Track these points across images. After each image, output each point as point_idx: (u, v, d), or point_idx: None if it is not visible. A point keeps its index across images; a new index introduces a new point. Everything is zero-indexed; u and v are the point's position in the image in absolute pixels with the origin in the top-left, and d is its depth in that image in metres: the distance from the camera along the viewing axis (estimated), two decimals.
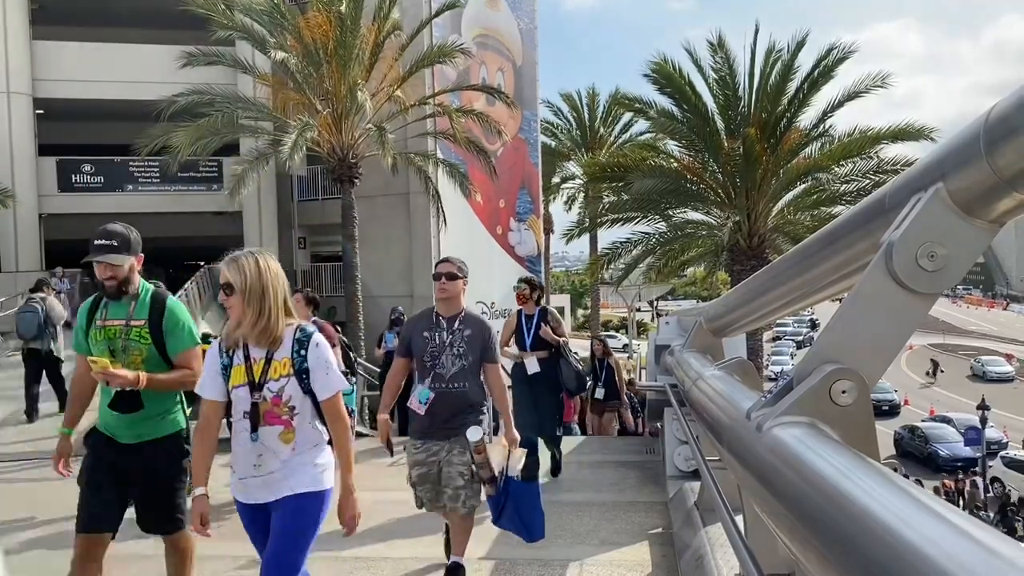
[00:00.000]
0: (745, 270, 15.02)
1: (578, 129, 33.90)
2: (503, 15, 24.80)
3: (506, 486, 4.01)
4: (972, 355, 53.69)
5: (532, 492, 4.10)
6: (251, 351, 2.92)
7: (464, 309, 4.19)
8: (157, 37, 20.91)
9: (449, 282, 4.12)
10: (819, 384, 1.82)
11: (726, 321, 4.54)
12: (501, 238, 24.46)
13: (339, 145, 17.53)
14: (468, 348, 4.08)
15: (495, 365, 4.20)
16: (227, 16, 16.76)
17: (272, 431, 2.88)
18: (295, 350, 2.88)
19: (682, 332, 6.56)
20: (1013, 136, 1.55)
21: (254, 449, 2.89)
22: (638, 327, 32.19)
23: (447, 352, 4.07)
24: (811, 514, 1.44)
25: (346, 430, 3.00)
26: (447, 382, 4.06)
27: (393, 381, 4.37)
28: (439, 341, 4.10)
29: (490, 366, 4.17)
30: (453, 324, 4.12)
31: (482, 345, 4.12)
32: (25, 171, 20.50)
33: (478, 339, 4.11)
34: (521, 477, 4.13)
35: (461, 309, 4.18)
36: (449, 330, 4.11)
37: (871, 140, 16.08)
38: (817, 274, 2.70)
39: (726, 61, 16.85)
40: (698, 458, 3.46)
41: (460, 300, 4.17)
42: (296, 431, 2.90)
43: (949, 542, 1.05)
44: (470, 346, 4.09)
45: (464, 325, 4.12)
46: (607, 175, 18.59)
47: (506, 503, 4.01)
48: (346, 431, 3.01)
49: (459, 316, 4.14)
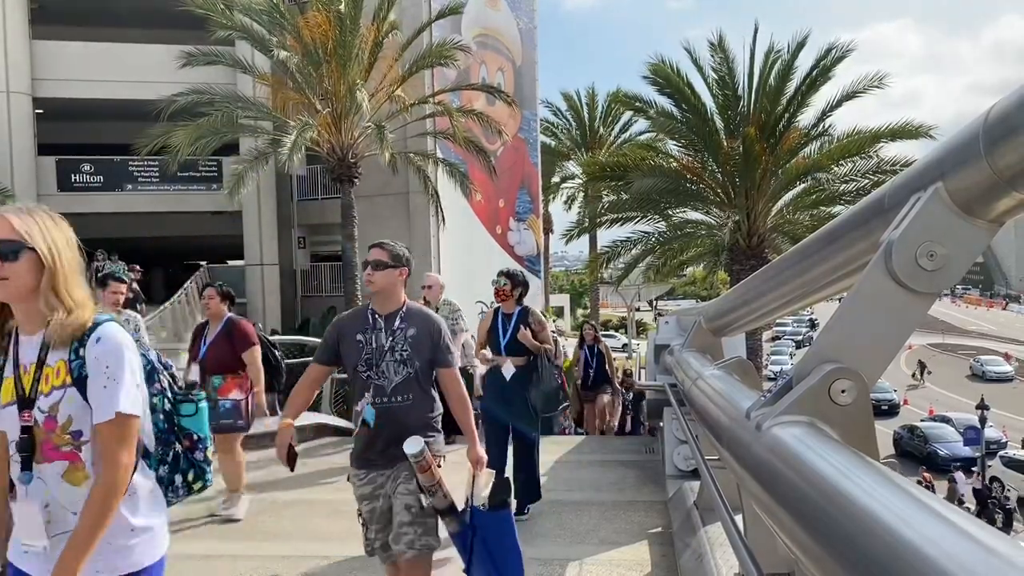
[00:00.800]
0: (744, 270, 15.03)
1: (578, 129, 33.94)
2: (503, 15, 24.82)
3: (472, 518, 3.23)
4: (971, 355, 53.71)
5: (504, 523, 3.28)
6: (21, 348, 1.98)
7: (405, 303, 3.44)
8: (157, 37, 20.92)
9: (377, 272, 3.36)
10: (818, 383, 1.82)
11: (725, 321, 4.54)
12: (500, 238, 24.47)
13: (338, 145, 17.53)
14: (413, 351, 3.33)
15: (450, 370, 3.43)
16: (226, 16, 16.75)
17: (52, 469, 1.92)
18: (72, 348, 1.92)
19: (681, 332, 6.55)
20: (1013, 136, 1.55)
21: (32, 498, 1.92)
22: (637, 327, 32.19)
23: (387, 358, 3.31)
24: (811, 513, 1.44)
25: (109, 494, 1.87)
26: (390, 395, 3.30)
27: (302, 392, 3.50)
28: (376, 345, 3.33)
29: (444, 371, 3.42)
30: (393, 323, 3.37)
31: (432, 346, 3.36)
32: (24, 171, 20.49)
33: (425, 339, 3.35)
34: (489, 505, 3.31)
35: (401, 303, 3.42)
36: (388, 330, 3.35)
37: (870, 139, 16.09)
38: (816, 274, 2.70)
39: (725, 61, 16.87)
40: (697, 458, 3.46)
41: (397, 293, 3.42)
42: (88, 469, 1.92)
43: (949, 541, 1.05)
44: (416, 349, 3.33)
45: (406, 323, 3.37)
46: (607, 175, 18.60)
47: (474, 540, 3.22)
48: (108, 496, 1.87)
49: (399, 312, 3.39)
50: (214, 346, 5.58)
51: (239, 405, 5.45)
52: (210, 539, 5.25)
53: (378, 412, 3.31)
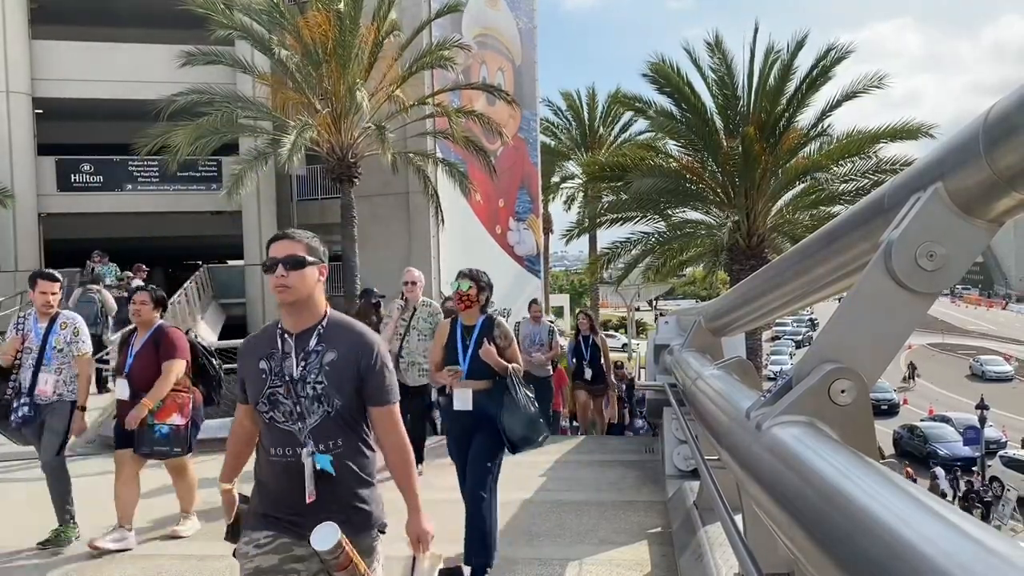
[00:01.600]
0: (744, 270, 15.03)
1: (578, 128, 33.90)
2: (502, 14, 24.83)
3: None
4: (971, 354, 53.71)
5: None
6: None
7: (326, 316, 2.54)
8: (156, 36, 20.91)
9: (294, 272, 2.43)
10: (818, 383, 1.82)
11: (725, 321, 4.54)
12: (500, 238, 24.46)
13: (338, 145, 17.53)
14: (331, 384, 2.44)
15: (386, 409, 2.52)
16: (226, 15, 16.75)
17: None
18: None
19: (681, 332, 6.55)
20: (1012, 136, 1.56)
21: None
22: (637, 327, 32.21)
23: (295, 393, 2.44)
24: (810, 513, 1.44)
25: None
26: (301, 445, 2.43)
27: (235, 443, 2.72)
28: (285, 375, 2.46)
29: (377, 411, 2.51)
30: (306, 343, 2.48)
31: (358, 375, 2.47)
32: (24, 171, 20.49)
33: (349, 366, 2.46)
34: None
35: (321, 317, 2.52)
36: (300, 354, 2.47)
37: (870, 139, 16.09)
38: (816, 274, 2.70)
39: (724, 61, 16.87)
40: (697, 457, 3.46)
41: (316, 301, 2.52)
42: None
43: (948, 541, 1.05)
44: (335, 380, 2.44)
45: (325, 344, 2.47)
46: (606, 175, 18.60)
47: None
48: None
49: (316, 329, 2.50)
50: (140, 357, 5.02)
51: (178, 431, 4.97)
52: (208, 540, 5.25)
53: (283, 468, 2.45)
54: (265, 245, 2.55)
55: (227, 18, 16.74)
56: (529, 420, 4.37)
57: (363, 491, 2.52)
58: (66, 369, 5.13)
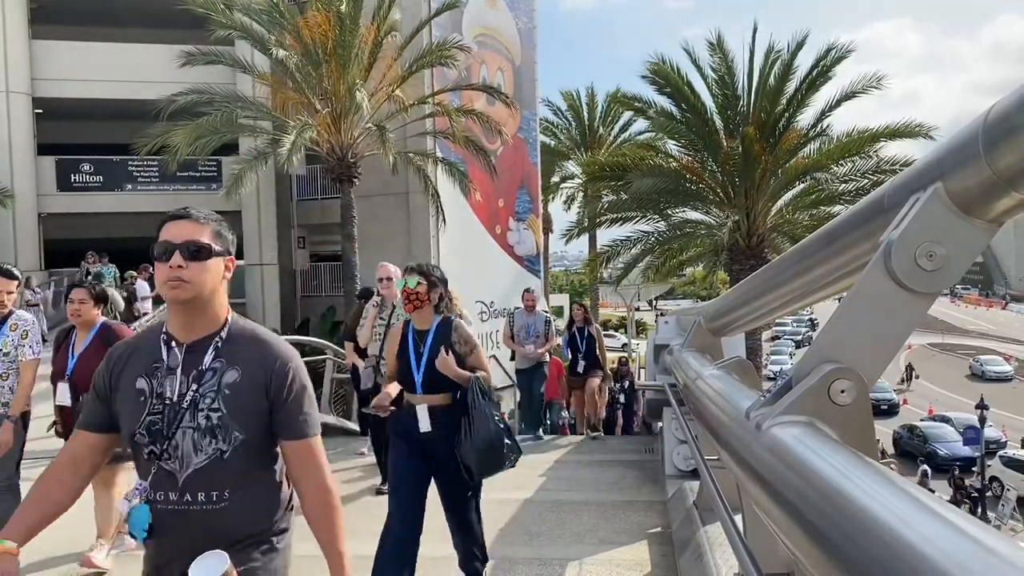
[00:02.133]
0: (744, 269, 15.04)
1: (577, 128, 33.91)
2: (501, 14, 24.83)
3: None
4: (971, 354, 53.74)
5: None
6: None
7: (228, 323, 1.98)
8: (156, 36, 20.91)
9: (195, 263, 1.89)
10: (818, 383, 1.82)
11: (725, 320, 4.54)
12: (500, 237, 24.46)
13: (338, 145, 17.53)
14: (231, 412, 1.89)
15: (303, 444, 1.96)
16: (226, 15, 16.75)
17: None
18: None
19: (681, 332, 6.55)
20: (1012, 136, 1.56)
21: None
22: (637, 327, 32.21)
23: (182, 420, 1.89)
24: (810, 513, 1.44)
25: None
26: (182, 490, 1.88)
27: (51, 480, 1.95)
28: (169, 395, 1.90)
29: (292, 446, 1.95)
30: (200, 359, 1.93)
31: (267, 400, 1.93)
32: (24, 171, 20.49)
33: (255, 390, 1.92)
34: None
35: (221, 324, 1.97)
36: (191, 371, 1.92)
37: (870, 139, 16.10)
38: (816, 274, 2.70)
39: (724, 61, 16.88)
40: (697, 457, 3.46)
41: (218, 306, 1.97)
42: None
43: (947, 541, 1.05)
44: (235, 407, 1.90)
45: (224, 359, 1.93)
46: (606, 174, 18.60)
47: None
48: None
49: (213, 341, 1.95)
50: (85, 359, 4.55)
51: None
52: None
53: (162, 518, 1.88)
54: (157, 226, 1.95)
55: (227, 18, 16.74)
56: (491, 444, 3.69)
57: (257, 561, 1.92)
58: (13, 375, 4.62)
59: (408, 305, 3.89)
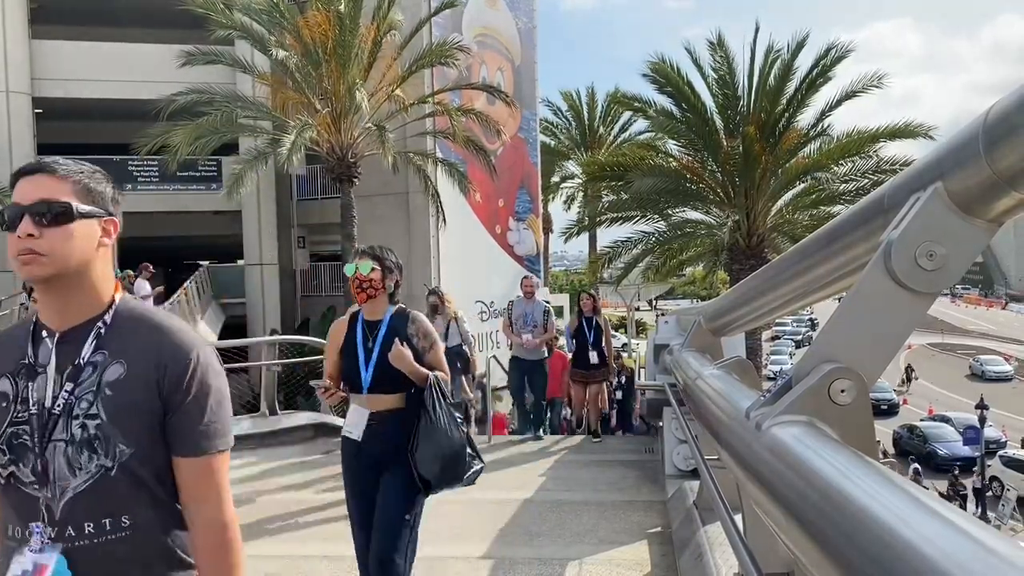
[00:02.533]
0: (744, 269, 15.04)
1: (577, 128, 33.92)
2: (501, 14, 24.83)
3: None
4: (971, 354, 53.75)
5: None
6: None
7: (114, 306, 1.55)
8: (156, 36, 20.91)
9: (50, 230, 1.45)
10: (818, 383, 1.82)
11: (725, 320, 4.54)
12: (500, 237, 24.45)
13: (338, 144, 17.53)
14: (113, 415, 1.46)
15: (202, 462, 1.52)
16: (226, 15, 16.76)
17: None
18: None
19: (681, 331, 6.54)
20: (1012, 135, 1.56)
21: None
22: (637, 327, 32.22)
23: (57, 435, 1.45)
24: (810, 513, 1.44)
25: None
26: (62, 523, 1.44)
27: None
28: (37, 399, 1.48)
29: (188, 465, 1.52)
30: (75, 351, 1.50)
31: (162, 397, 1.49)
32: None
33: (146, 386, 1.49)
34: None
35: (104, 307, 1.54)
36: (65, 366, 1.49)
37: (870, 139, 16.12)
38: (816, 273, 2.70)
39: (725, 61, 16.89)
40: (697, 457, 3.46)
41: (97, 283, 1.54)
42: None
43: (948, 541, 1.05)
44: (120, 411, 1.46)
45: (107, 351, 1.50)
46: (606, 174, 18.61)
47: None
48: None
49: (93, 328, 1.51)
50: None
51: None
52: None
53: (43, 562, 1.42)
54: (10, 182, 1.53)
55: (227, 18, 16.74)
56: (452, 451, 3.27)
57: None
58: None
59: (361, 295, 3.44)
